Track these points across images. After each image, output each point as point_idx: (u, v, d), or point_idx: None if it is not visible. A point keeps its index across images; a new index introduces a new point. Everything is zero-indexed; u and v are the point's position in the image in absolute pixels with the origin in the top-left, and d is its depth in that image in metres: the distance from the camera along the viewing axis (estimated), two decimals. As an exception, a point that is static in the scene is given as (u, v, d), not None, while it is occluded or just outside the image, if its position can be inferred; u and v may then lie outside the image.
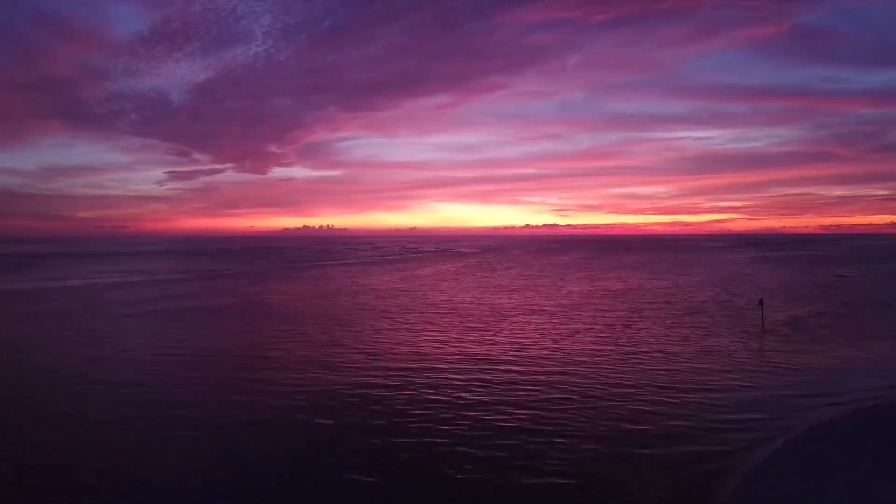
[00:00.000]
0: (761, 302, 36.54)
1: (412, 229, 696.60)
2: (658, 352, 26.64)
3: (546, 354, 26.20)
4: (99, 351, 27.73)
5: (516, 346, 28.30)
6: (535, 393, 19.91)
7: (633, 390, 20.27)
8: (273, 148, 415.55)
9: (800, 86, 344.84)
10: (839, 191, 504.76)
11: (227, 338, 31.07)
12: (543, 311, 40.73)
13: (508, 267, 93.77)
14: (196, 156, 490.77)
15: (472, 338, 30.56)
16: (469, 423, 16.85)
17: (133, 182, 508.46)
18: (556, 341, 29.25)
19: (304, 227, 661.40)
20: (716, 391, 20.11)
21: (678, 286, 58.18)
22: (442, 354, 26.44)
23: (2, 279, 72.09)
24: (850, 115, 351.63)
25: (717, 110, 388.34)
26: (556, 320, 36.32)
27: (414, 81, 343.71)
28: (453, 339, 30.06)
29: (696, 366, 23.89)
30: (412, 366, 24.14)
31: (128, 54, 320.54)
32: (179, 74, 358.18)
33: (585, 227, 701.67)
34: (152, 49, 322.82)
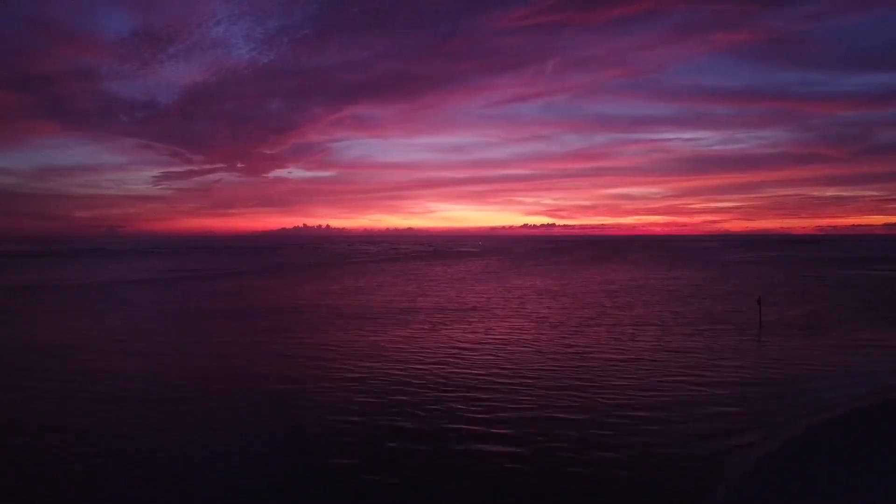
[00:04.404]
0: (759, 300, 37.78)
1: (409, 229, 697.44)
2: (665, 348, 27.81)
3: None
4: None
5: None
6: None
7: (647, 386, 21.47)
8: (264, 149, 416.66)
9: (780, 89, 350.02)
10: (832, 192, 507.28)
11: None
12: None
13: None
14: (189, 156, 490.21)
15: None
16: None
17: (128, 182, 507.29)
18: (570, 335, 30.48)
19: (304, 225, 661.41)
20: (718, 386, 21.15)
21: (680, 285, 59.36)
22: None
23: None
24: (833, 118, 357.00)
25: (701, 112, 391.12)
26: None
27: (398, 83, 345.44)
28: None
29: (700, 360, 25.00)
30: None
31: (116, 56, 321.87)
32: (166, 76, 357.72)
33: (582, 227, 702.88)
34: (137, 51, 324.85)
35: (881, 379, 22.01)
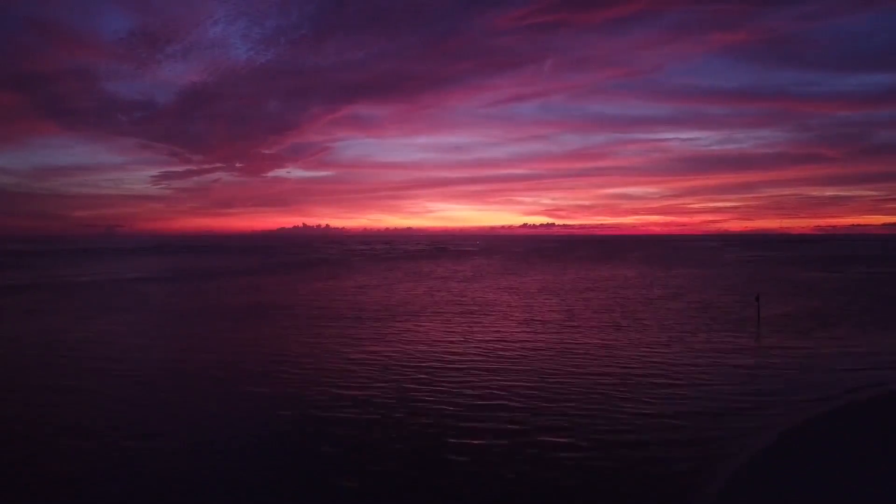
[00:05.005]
0: (757, 298, 38.14)
1: (408, 229, 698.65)
2: (665, 345, 28.10)
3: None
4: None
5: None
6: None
7: (649, 380, 21.74)
8: (263, 148, 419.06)
9: (777, 89, 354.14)
10: (830, 192, 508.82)
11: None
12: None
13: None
14: (188, 156, 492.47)
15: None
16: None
17: (127, 182, 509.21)
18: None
19: (303, 225, 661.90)
20: (718, 381, 21.51)
21: (680, 284, 59.69)
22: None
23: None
24: (831, 118, 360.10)
25: (698, 112, 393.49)
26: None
27: (395, 82, 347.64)
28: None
29: (700, 357, 25.30)
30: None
31: (114, 56, 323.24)
32: (164, 76, 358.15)
33: (582, 227, 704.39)
34: (135, 51, 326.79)
35: (877, 374, 22.29)
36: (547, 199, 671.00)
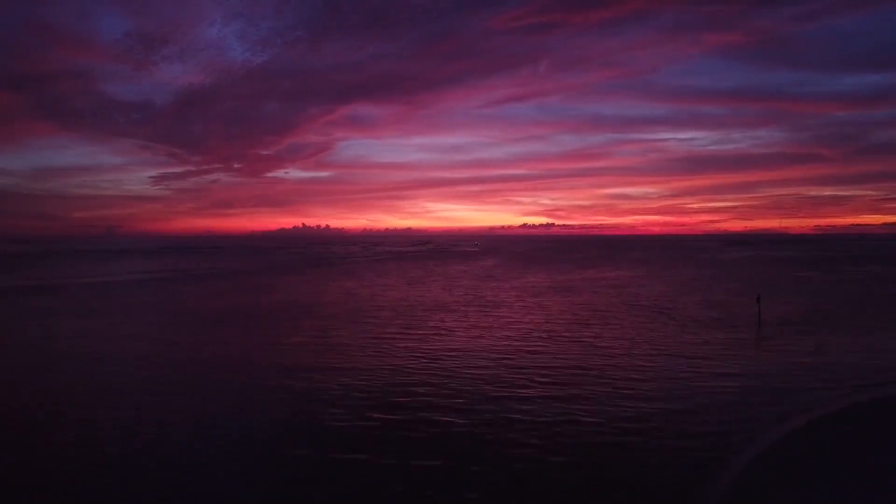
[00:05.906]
0: (758, 299, 38.51)
1: (408, 229, 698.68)
2: (666, 343, 28.38)
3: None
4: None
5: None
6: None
7: (648, 382, 22.09)
8: (261, 149, 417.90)
9: (773, 89, 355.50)
10: (828, 191, 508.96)
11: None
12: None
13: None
14: (186, 157, 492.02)
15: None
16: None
17: (126, 182, 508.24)
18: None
19: (303, 225, 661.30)
20: (719, 381, 21.77)
21: (683, 285, 60.03)
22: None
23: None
24: (827, 118, 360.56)
25: (695, 113, 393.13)
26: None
27: (392, 83, 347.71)
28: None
29: (700, 356, 25.53)
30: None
31: (112, 57, 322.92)
32: (161, 77, 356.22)
33: (581, 227, 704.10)
34: (132, 52, 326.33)
35: (879, 375, 22.52)
36: (546, 200, 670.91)
